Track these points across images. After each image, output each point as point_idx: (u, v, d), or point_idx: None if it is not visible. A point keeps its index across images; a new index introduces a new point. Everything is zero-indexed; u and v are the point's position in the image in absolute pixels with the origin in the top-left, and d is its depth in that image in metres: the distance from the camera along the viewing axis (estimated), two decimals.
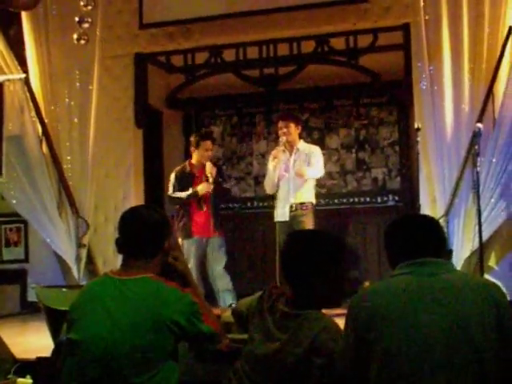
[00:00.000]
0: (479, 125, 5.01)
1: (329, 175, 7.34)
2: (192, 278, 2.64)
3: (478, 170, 4.97)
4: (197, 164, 5.87)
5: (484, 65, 5.36)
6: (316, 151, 5.76)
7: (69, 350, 2.34)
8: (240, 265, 6.98)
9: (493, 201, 5.25)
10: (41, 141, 6.32)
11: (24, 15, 6.35)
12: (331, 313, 2.55)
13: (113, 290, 2.34)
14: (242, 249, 7.25)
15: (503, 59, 5.26)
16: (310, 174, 5.66)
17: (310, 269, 2.30)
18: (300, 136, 5.88)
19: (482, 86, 5.36)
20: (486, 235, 5.14)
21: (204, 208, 5.75)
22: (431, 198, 5.60)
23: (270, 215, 5.89)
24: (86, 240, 6.36)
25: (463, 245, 5.34)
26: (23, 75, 6.26)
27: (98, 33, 6.26)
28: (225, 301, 5.70)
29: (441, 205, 5.50)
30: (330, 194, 7.40)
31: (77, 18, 5.35)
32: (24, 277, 6.66)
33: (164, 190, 7.08)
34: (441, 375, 1.90)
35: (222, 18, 6.16)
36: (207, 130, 6.84)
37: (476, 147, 4.96)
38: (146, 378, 2.22)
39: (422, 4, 5.58)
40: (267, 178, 5.89)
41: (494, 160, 5.23)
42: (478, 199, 4.97)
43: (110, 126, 6.53)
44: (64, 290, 4.82)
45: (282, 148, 5.73)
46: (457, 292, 2.01)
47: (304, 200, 5.67)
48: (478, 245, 5.05)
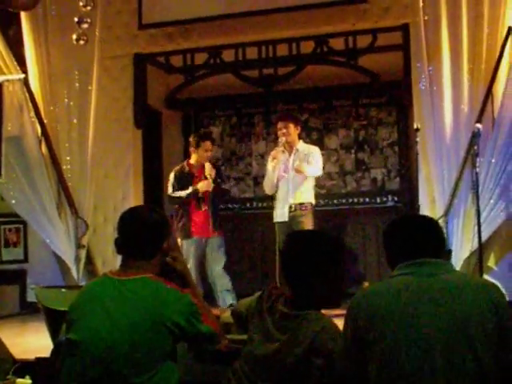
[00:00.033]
0: (478, 125, 5.02)
1: (328, 176, 7.34)
2: (191, 279, 2.65)
3: (478, 170, 4.97)
4: (195, 164, 5.87)
5: (483, 65, 5.37)
6: (315, 151, 5.75)
7: (68, 350, 2.34)
8: (239, 265, 6.98)
9: (492, 201, 5.26)
10: (40, 141, 6.32)
11: (23, 15, 6.36)
12: (330, 313, 2.55)
13: (112, 291, 2.34)
14: (241, 249, 7.24)
15: (502, 60, 5.26)
16: (309, 171, 5.63)
17: (309, 269, 2.30)
18: (299, 136, 5.87)
19: (481, 87, 5.36)
20: (485, 236, 5.14)
21: (203, 208, 5.74)
22: (430, 198, 5.60)
23: (270, 216, 5.89)
24: (85, 240, 6.36)
25: (462, 245, 5.35)
26: (22, 75, 6.26)
27: (97, 33, 6.26)
28: (224, 301, 5.69)
29: (440, 205, 5.50)
30: (330, 195, 7.39)
31: (76, 19, 5.35)
32: (23, 277, 6.66)
33: (163, 191, 7.07)
34: (440, 375, 1.90)
35: (221, 18, 6.16)
36: (206, 130, 6.83)
37: (475, 148, 4.96)
38: (146, 378, 2.23)
39: (421, 4, 5.58)
40: (266, 178, 5.88)
41: (493, 160, 5.23)
42: (478, 200, 4.97)
43: (109, 127, 6.53)
44: (63, 290, 4.83)
45: (282, 149, 5.72)
46: (456, 292, 2.01)
47: (303, 200, 5.65)
48: (477, 245, 5.05)
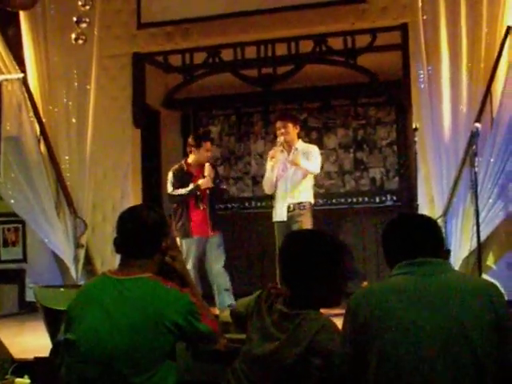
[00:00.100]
0: (477, 125, 5.02)
1: (327, 175, 7.35)
2: (190, 278, 2.64)
3: (476, 170, 4.97)
4: (194, 164, 5.84)
5: (482, 64, 5.37)
6: (314, 150, 5.74)
7: (67, 350, 2.34)
8: (238, 265, 6.96)
9: (491, 201, 5.26)
10: (39, 141, 6.33)
11: (22, 15, 6.35)
12: (329, 313, 2.55)
13: (111, 290, 2.34)
14: (239, 248, 7.23)
15: (501, 59, 5.26)
16: (305, 164, 5.59)
17: (308, 269, 2.30)
18: (298, 136, 5.87)
19: (480, 86, 5.37)
20: (483, 235, 5.15)
21: (201, 207, 5.73)
22: (429, 197, 5.61)
23: (268, 215, 5.89)
24: (83, 240, 6.36)
25: (461, 245, 5.35)
26: (21, 75, 6.26)
27: (96, 32, 6.25)
28: (223, 300, 5.68)
29: (439, 205, 5.50)
30: (328, 194, 7.40)
31: (75, 18, 5.35)
32: (22, 277, 6.66)
33: (162, 190, 7.08)
34: (439, 375, 1.90)
35: (220, 17, 6.16)
36: (205, 129, 6.82)
37: (474, 147, 4.96)
38: (145, 377, 2.22)
39: (420, 4, 5.58)
40: (265, 177, 5.87)
41: (491, 160, 5.24)
42: (476, 199, 4.98)
43: (107, 126, 6.53)
44: (62, 289, 4.82)
45: (281, 148, 5.71)
46: (455, 292, 2.01)
47: (302, 200, 5.64)
48: (476, 245, 5.05)
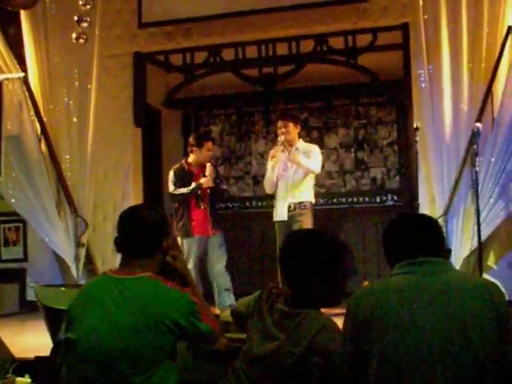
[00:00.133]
0: (478, 124, 5.02)
1: (328, 175, 7.34)
2: (191, 278, 2.64)
3: (477, 169, 4.97)
4: (194, 163, 5.84)
5: (483, 64, 5.37)
6: (315, 150, 5.73)
7: (67, 349, 2.34)
8: (239, 264, 6.96)
9: (492, 200, 5.26)
10: (39, 140, 6.33)
11: (23, 14, 6.35)
12: (330, 312, 2.55)
13: (112, 290, 2.34)
14: (240, 248, 7.23)
15: (502, 58, 5.26)
16: (304, 162, 5.58)
17: (308, 269, 2.30)
18: (299, 135, 5.86)
19: (481, 86, 5.36)
20: (484, 235, 5.15)
21: (202, 206, 5.73)
22: (430, 197, 5.60)
23: (269, 215, 5.89)
24: (84, 239, 6.36)
25: (462, 244, 5.35)
26: (22, 74, 6.27)
27: (97, 32, 6.26)
28: (223, 300, 5.68)
29: (440, 204, 5.50)
30: (329, 194, 7.39)
31: (76, 17, 5.35)
32: (23, 276, 6.66)
33: (163, 189, 7.08)
34: (439, 375, 1.90)
35: (221, 17, 6.16)
36: (206, 129, 6.82)
37: (475, 147, 4.96)
38: (145, 377, 2.22)
39: (421, 3, 5.58)
40: (266, 177, 5.86)
41: (492, 159, 5.24)
42: (477, 199, 4.98)
43: (108, 125, 6.53)
44: (63, 289, 4.82)
45: (281, 147, 5.70)
46: (455, 292, 2.00)
47: (303, 199, 5.63)
48: (476, 244, 5.05)
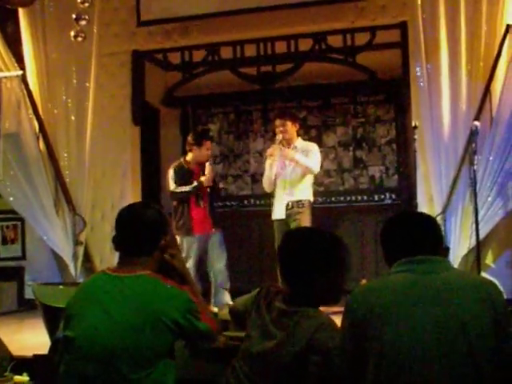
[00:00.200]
0: (476, 123, 5.02)
1: (326, 173, 7.34)
2: (190, 276, 2.64)
3: (475, 168, 4.97)
4: (193, 162, 5.85)
5: (481, 63, 5.36)
6: (314, 148, 5.72)
7: (66, 347, 2.34)
8: (237, 263, 6.95)
9: (490, 199, 5.26)
10: (38, 138, 6.31)
11: (21, 12, 6.34)
12: (328, 310, 2.55)
13: (110, 288, 2.33)
14: (239, 247, 7.22)
15: (501, 57, 5.26)
16: (302, 159, 5.58)
17: (307, 266, 2.30)
18: (298, 133, 5.86)
19: (479, 84, 5.36)
20: (483, 233, 5.15)
21: (201, 204, 5.74)
22: (428, 196, 5.60)
23: (267, 213, 5.89)
24: (82, 237, 6.36)
25: (460, 243, 5.35)
26: (20, 72, 6.25)
27: (95, 30, 6.24)
28: (221, 299, 5.70)
29: (438, 203, 5.50)
30: (327, 192, 7.39)
31: (74, 15, 5.33)
32: (21, 274, 6.65)
33: (161, 188, 7.07)
34: (437, 374, 1.90)
35: (219, 15, 6.15)
36: (204, 128, 6.81)
37: (473, 145, 4.97)
38: (143, 375, 2.22)
39: (419, 2, 5.57)
40: (265, 176, 5.87)
41: (491, 158, 5.24)
42: (475, 197, 4.98)
43: (107, 124, 6.52)
44: (61, 287, 4.83)
45: (280, 146, 5.70)
46: (453, 290, 2.01)
47: (301, 198, 5.62)
48: (475, 243, 5.06)
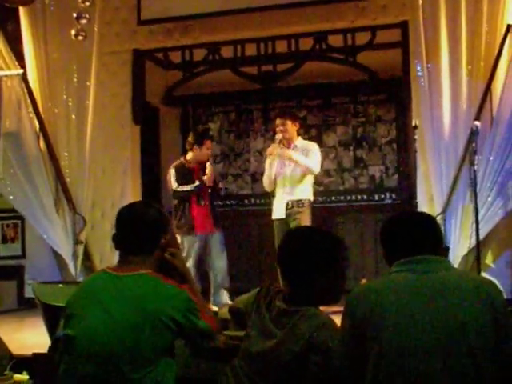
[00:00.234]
0: (477, 123, 5.02)
1: (326, 173, 7.35)
2: (190, 275, 2.63)
3: (476, 168, 4.97)
4: (193, 162, 5.85)
5: (482, 63, 5.36)
6: (314, 148, 5.71)
7: (66, 346, 2.34)
8: (237, 262, 6.96)
9: (490, 199, 5.26)
10: (38, 137, 6.31)
11: (22, 11, 6.33)
12: (328, 310, 2.55)
13: (110, 286, 2.34)
14: (238, 246, 7.23)
15: (501, 57, 5.25)
16: (300, 158, 5.57)
17: (307, 266, 2.29)
18: (298, 133, 5.86)
19: (480, 84, 5.36)
20: (483, 233, 5.15)
21: (203, 203, 5.75)
22: (428, 195, 5.60)
23: (268, 212, 5.89)
24: (82, 236, 6.35)
25: (460, 242, 5.35)
26: (21, 71, 6.25)
27: (96, 29, 6.24)
28: (220, 298, 5.70)
29: (438, 203, 5.50)
30: (327, 192, 7.40)
31: (74, 14, 5.34)
32: (21, 273, 6.65)
33: (161, 187, 7.08)
34: (437, 374, 1.90)
35: (220, 14, 6.15)
36: (205, 127, 6.81)
37: (473, 145, 4.96)
38: (143, 374, 2.22)
39: (420, 1, 5.57)
40: (265, 175, 5.87)
41: (491, 158, 5.23)
42: (476, 197, 4.98)
43: (107, 123, 6.52)
44: (61, 285, 4.82)
45: (280, 145, 5.69)
46: (453, 290, 2.00)
47: (301, 197, 5.61)
48: (475, 243, 5.05)
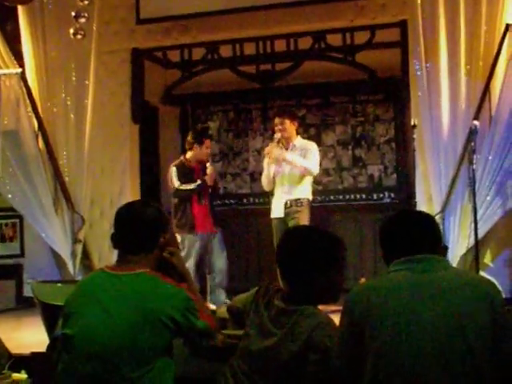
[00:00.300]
0: (476, 122, 5.02)
1: (325, 172, 7.34)
2: (189, 274, 2.63)
3: (474, 167, 4.98)
4: (193, 161, 5.86)
5: (481, 62, 5.36)
6: (313, 148, 5.71)
7: (64, 345, 2.34)
8: (236, 261, 6.96)
9: (489, 198, 5.26)
10: (37, 136, 6.30)
11: (20, 10, 6.32)
12: (327, 309, 2.55)
13: (108, 285, 2.34)
14: (237, 245, 7.24)
15: (500, 56, 5.25)
16: (301, 162, 5.55)
17: (305, 265, 2.30)
18: (297, 132, 5.86)
19: (478, 84, 5.36)
20: (481, 232, 5.16)
21: (203, 203, 5.76)
22: (427, 195, 5.60)
23: (266, 211, 5.89)
24: (81, 235, 6.35)
25: (459, 242, 5.35)
26: (19, 70, 6.24)
27: (95, 28, 6.23)
28: (218, 297, 5.70)
29: (437, 202, 5.49)
30: (326, 191, 7.39)
31: (73, 13, 5.33)
32: (19, 272, 6.65)
33: (160, 186, 7.07)
34: (436, 373, 1.90)
35: (218, 13, 6.14)
36: (204, 126, 6.80)
37: (472, 144, 4.97)
38: (142, 373, 2.22)
39: (419, 1, 5.56)
40: (263, 174, 5.87)
41: (490, 157, 5.23)
42: (474, 196, 4.98)
43: (106, 122, 6.51)
44: (59, 285, 4.81)
45: (280, 145, 5.70)
46: (452, 289, 2.01)
47: (299, 196, 5.60)
48: (473, 242, 5.06)
